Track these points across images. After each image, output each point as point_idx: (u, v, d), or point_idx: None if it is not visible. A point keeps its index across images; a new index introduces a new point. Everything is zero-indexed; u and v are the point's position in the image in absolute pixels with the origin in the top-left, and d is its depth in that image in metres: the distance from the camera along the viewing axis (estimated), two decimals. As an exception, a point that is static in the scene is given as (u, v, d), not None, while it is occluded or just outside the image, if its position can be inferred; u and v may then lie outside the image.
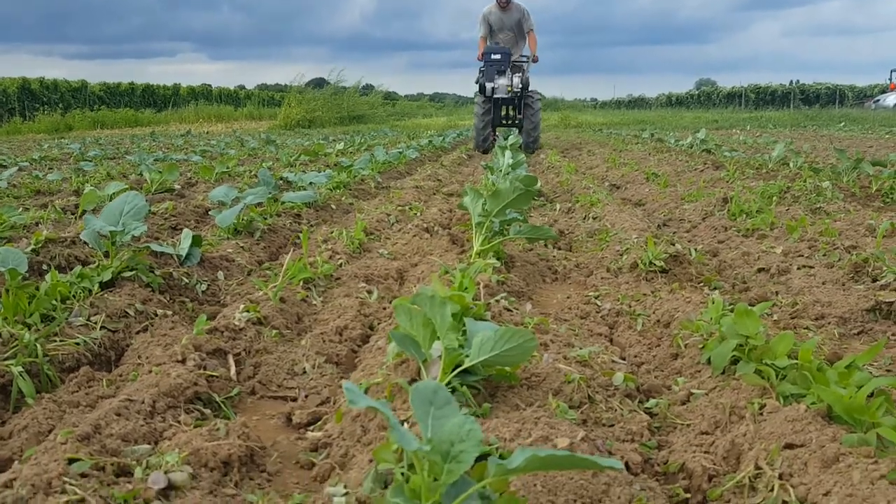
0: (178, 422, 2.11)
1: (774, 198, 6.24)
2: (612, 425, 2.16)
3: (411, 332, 2.18)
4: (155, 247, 3.92)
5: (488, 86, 15.06)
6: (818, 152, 12.64)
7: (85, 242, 4.29)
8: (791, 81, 55.46)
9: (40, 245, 4.16)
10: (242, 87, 61.43)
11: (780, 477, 1.67)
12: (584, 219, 5.99)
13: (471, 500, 1.41)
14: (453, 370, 2.09)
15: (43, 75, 37.65)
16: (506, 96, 15.16)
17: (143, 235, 3.83)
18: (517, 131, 16.30)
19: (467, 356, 2.09)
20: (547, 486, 1.67)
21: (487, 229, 4.13)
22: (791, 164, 8.88)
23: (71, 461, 1.75)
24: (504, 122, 16.53)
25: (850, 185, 7.13)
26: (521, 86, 15.11)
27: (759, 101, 52.51)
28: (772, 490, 1.64)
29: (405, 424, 1.90)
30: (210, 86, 53.51)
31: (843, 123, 27.39)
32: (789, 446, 1.76)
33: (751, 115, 39.30)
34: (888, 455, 1.63)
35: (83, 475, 1.70)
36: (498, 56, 14.98)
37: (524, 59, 15.69)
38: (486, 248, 4.09)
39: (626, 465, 1.91)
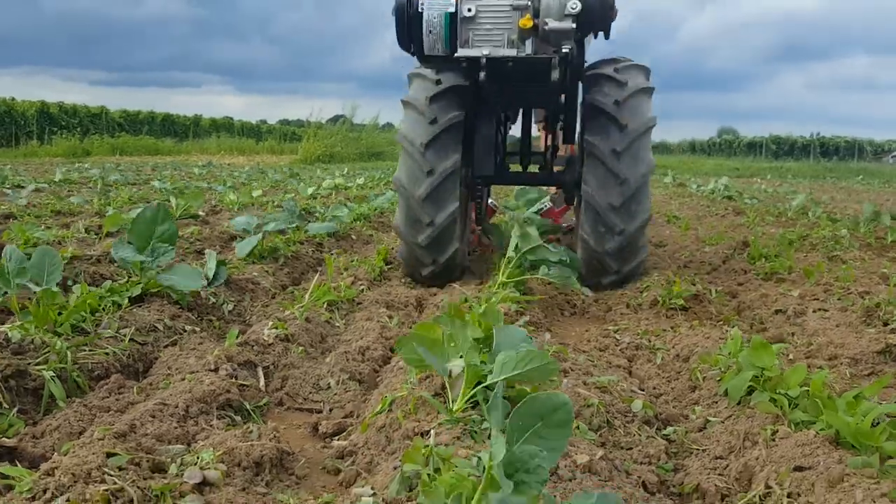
0: (211, 426, 2.19)
1: (793, 244, 6.31)
2: (631, 448, 2.22)
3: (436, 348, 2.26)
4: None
5: (428, 10, 4.26)
6: (836, 203, 12.70)
7: (111, 260, 4.39)
8: (812, 134, 55.63)
9: (66, 261, 4.25)
10: (264, 122, 62.07)
11: (789, 496, 1.74)
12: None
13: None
14: (475, 386, 2.16)
15: (63, 100, 37.64)
16: (513, 54, 4.20)
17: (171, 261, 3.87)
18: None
19: (489, 373, 2.16)
20: (567, 497, 1.72)
21: (515, 265, 4.21)
22: (811, 214, 8.96)
23: (108, 455, 1.82)
24: (513, 155, 5.90)
25: (866, 236, 7.18)
26: (576, 22, 4.12)
27: (779, 151, 52.67)
28: (781, 507, 1.70)
29: (430, 435, 1.96)
30: (232, 118, 54.09)
31: (861, 177, 27.46)
32: (798, 468, 1.82)
33: (771, 164, 39.44)
34: (890, 476, 1.70)
35: (120, 468, 1.78)
36: None
37: None
38: (508, 281, 4.16)
39: (644, 484, 1.97)
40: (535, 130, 6.70)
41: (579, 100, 4.90)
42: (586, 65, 4.82)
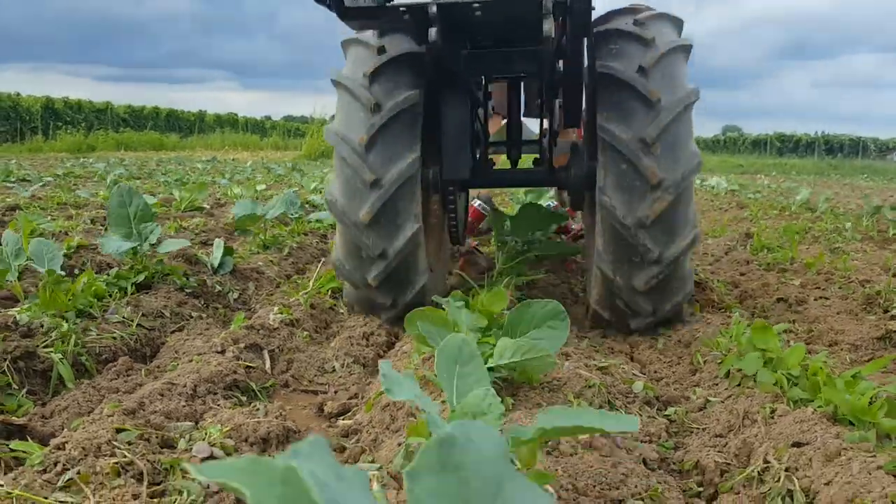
0: (218, 405, 2.22)
1: (796, 236, 6.34)
2: (630, 427, 2.25)
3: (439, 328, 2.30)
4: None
5: None
6: (839, 198, 12.72)
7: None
8: (816, 132, 55.73)
9: (72, 251, 4.32)
10: (269, 118, 62.13)
11: (787, 470, 1.77)
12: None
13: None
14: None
15: (68, 95, 37.73)
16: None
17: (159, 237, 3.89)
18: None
19: (490, 356, 2.21)
20: (568, 471, 1.76)
21: (510, 249, 4.24)
22: (817, 209, 9.01)
23: (118, 431, 1.86)
24: (498, 146, 4.66)
25: (868, 229, 7.21)
26: None
27: (783, 149, 52.75)
28: (778, 481, 1.74)
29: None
30: (236, 115, 54.22)
31: (865, 174, 27.51)
32: (797, 444, 1.86)
33: (776, 161, 39.54)
34: (886, 450, 1.73)
35: (130, 443, 1.82)
36: None
37: None
38: (507, 267, 4.19)
39: (644, 461, 2.00)
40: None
41: (585, 65, 3.58)
42: (594, 17, 3.39)
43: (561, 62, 3.52)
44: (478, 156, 4.12)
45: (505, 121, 4.59)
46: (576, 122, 3.91)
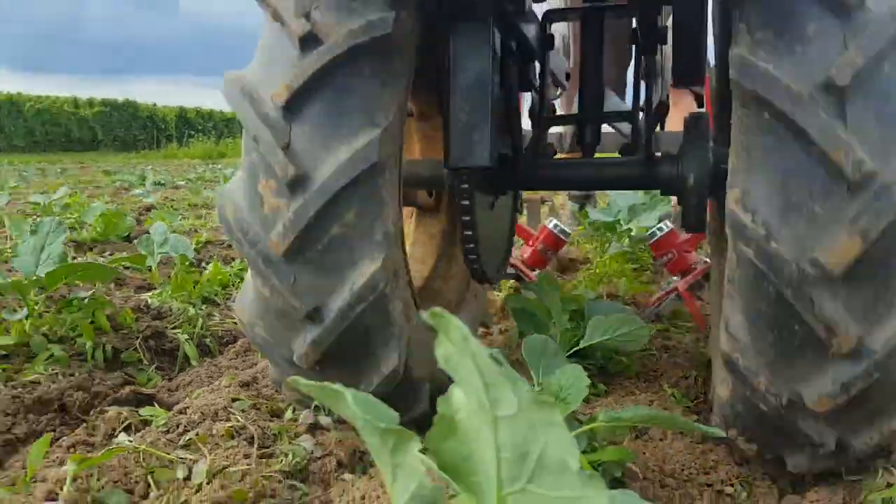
0: (325, 381, 2.35)
1: None
2: (726, 419, 2.26)
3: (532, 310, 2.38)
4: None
5: None
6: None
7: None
8: None
9: (201, 245, 4.61)
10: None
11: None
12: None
13: (579, 439, 1.55)
14: (568, 351, 2.24)
15: (200, 105, 39.48)
16: None
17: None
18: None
19: (582, 338, 2.26)
20: (655, 454, 1.80)
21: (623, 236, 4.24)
22: None
23: (233, 400, 2.02)
24: (559, 123, 2.67)
25: None
26: None
27: None
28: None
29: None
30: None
31: None
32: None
33: None
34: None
35: (243, 411, 1.96)
36: None
37: None
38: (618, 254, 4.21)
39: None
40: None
41: None
42: None
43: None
44: (518, 130, 2.31)
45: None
46: (694, 73, 2.16)
